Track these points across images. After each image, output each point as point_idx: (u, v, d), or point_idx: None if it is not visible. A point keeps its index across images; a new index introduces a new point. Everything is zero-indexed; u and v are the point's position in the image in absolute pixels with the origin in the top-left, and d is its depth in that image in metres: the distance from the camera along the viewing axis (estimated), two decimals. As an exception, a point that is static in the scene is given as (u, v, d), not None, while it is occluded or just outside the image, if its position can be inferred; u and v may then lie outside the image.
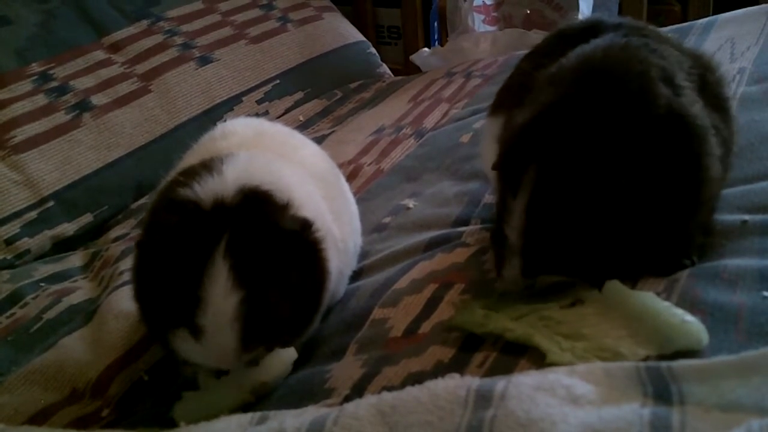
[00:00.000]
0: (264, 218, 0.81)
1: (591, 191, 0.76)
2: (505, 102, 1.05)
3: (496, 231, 0.88)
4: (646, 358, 0.69)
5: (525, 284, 0.82)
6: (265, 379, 0.85)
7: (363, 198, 1.36)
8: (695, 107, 0.81)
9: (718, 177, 0.82)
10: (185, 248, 0.79)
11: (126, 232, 1.50)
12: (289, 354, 0.87)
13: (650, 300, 0.75)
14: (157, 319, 0.84)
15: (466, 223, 1.15)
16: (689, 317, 0.71)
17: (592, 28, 0.94)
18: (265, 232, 0.80)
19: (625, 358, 0.69)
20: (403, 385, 0.70)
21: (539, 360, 0.72)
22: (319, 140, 1.63)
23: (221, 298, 0.77)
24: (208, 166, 0.87)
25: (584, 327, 0.75)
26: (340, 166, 1.35)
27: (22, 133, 1.54)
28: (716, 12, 1.98)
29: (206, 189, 0.82)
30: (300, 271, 0.84)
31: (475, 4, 2.40)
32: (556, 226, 0.78)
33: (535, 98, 0.85)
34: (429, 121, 1.71)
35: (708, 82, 0.87)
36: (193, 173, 0.87)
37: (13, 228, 1.44)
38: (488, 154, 0.99)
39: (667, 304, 0.74)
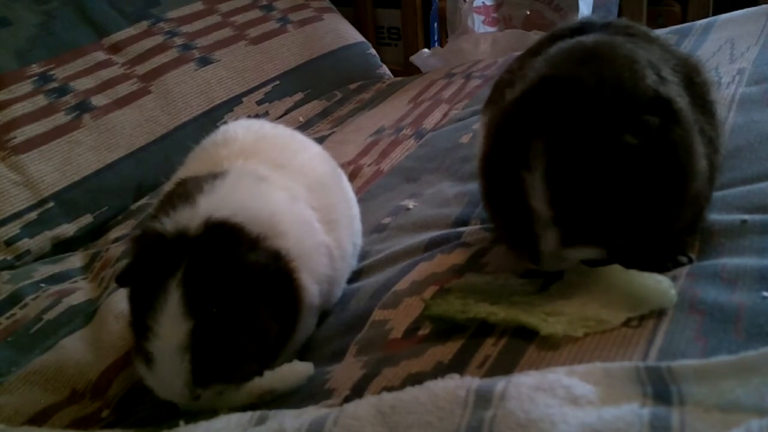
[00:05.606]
0: (224, 251, 0.81)
1: (603, 158, 0.75)
2: (492, 100, 1.05)
3: (503, 215, 0.85)
4: (626, 321, 0.74)
5: (565, 257, 0.79)
6: (277, 386, 0.83)
7: (363, 198, 1.36)
8: (680, 99, 0.81)
9: (702, 171, 0.82)
10: (146, 277, 0.80)
11: (126, 233, 1.50)
12: (307, 368, 0.86)
13: (618, 270, 0.78)
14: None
15: (465, 223, 1.15)
16: (660, 277, 0.76)
17: (581, 29, 0.94)
18: (224, 264, 0.80)
19: (609, 323, 0.74)
20: (402, 386, 0.70)
21: (539, 361, 0.72)
22: (319, 141, 1.62)
23: (169, 326, 0.77)
24: (185, 195, 0.87)
25: (558, 306, 0.78)
26: (340, 166, 1.35)
27: (22, 134, 1.54)
28: (716, 12, 1.98)
29: (174, 219, 0.83)
30: (265, 304, 0.83)
31: (474, 5, 2.41)
32: (581, 189, 0.76)
33: (519, 84, 0.85)
34: (429, 122, 1.71)
35: (694, 83, 0.87)
36: (171, 200, 0.87)
37: (13, 229, 1.45)
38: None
39: (634, 271, 0.77)
